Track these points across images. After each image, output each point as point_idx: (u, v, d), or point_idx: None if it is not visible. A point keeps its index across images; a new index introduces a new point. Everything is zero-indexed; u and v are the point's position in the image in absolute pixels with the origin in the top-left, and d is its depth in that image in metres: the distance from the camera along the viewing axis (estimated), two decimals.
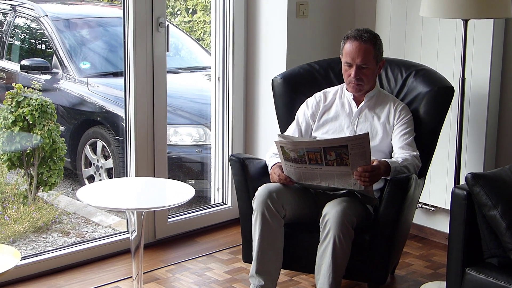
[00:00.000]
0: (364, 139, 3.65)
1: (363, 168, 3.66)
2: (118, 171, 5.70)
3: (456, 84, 4.26)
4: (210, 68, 5.57)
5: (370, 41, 4.02)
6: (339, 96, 4.22)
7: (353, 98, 4.16)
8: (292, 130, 4.25)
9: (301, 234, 4.00)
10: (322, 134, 4.18)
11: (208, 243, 5.06)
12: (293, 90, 4.49)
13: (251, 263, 3.98)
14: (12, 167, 5.58)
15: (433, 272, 4.63)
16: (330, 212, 3.75)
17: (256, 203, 3.89)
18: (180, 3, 8.08)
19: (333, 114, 4.20)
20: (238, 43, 5.20)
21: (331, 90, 4.29)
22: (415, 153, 3.98)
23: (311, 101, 4.27)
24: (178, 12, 8.09)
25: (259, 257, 3.90)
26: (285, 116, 4.47)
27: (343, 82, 4.19)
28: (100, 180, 5.89)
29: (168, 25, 4.75)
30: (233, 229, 5.23)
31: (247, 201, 4.08)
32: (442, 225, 4.99)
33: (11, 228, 5.22)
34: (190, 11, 8.04)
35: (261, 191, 3.90)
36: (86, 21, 7.13)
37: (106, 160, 5.88)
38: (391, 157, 4.00)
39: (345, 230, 3.72)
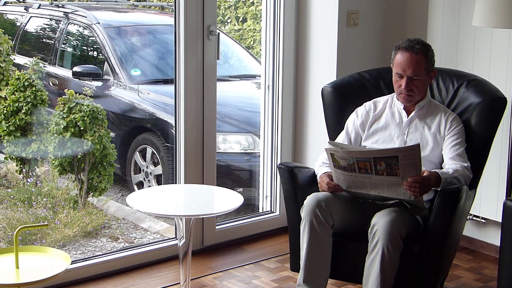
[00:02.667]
0: (414, 150, 3.63)
1: (414, 179, 3.63)
2: (167, 177, 5.73)
3: (509, 95, 4.21)
4: (259, 76, 5.58)
5: (422, 52, 3.99)
6: (389, 106, 4.20)
7: (403, 108, 4.13)
8: (341, 139, 4.24)
9: (349, 244, 3.98)
10: (371, 143, 4.16)
11: (255, 251, 5.06)
12: (343, 99, 4.48)
13: (298, 272, 3.96)
14: (63, 172, 5.64)
15: (483, 285, 4.58)
16: (379, 222, 3.73)
17: (304, 212, 3.88)
18: (231, 11, 8.12)
19: (383, 123, 4.18)
20: (288, 51, 5.20)
21: (381, 100, 4.26)
22: (466, 164, 3.93)
23: (360, 110, 4.25)
24: (228, 21, 8.12)
25: (306, 266, 3.89)
26: (335, 125, 4.46)
27: (394, 92, 4.16)
28: (149, 186, 5.92)
29: (219, 33, 4.77)
30: (280, 237, 5.23)
31: (295, 210, 4.07)
32: (493, 237, 4.93)
33: (61, 232, 5.27)
34: (240, 19, 8.06)
35: (310, 200, 3.89)
36: (137, 29, 7.19)
37: (155, 166, 5.91)
38: (442, 168, 3.96)
39: (394, 240, 3.69)
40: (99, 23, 6.69)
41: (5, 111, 5.85)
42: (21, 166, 5.92)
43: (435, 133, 4.06)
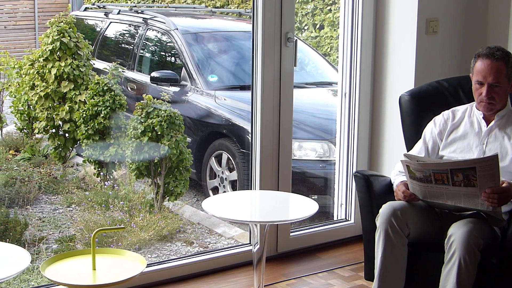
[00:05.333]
0: (493, 161, 3.57)
1: (492, 190, 3.57)
2: (242, 183, 5.75)
3: None
4: (336, 83, 5.56)
5: (503, 59, 3.92)
6: (468, 115, 4.13)
7: (483, 117, 4.06)
8: (418, 148, 4.19)
9: (424, 254, 3.93)
10: (449, 153, 4.10)
11: (329, 259, 5.04)
12: (420, 107, 4.43)
13: (373, 281, 3.93)
14: (140, 176, 5.71)
15: None
16: (456, 233, 3.67)
17: (380, 220, 3.85)
18: (308, 18, 8.12)
19: (461, 132, 4.11)
20: (366, 59, 5.17)
21: (460, 109, 4.20)
22: None
23: (438, 119, 4.20)
24: (306, 28, 8.12)
25: (381, 275, 3.85)
26: (412, 134, 4.41)
27: (473, 101, 4.10)
28: (224, 192, 5.95)
29: (296, 40, 4.76)
30: (355, 246, 5.19)
31: (370, 218, 4.04)
32: None
33: (137, 235, 5.33)
34: (318, 26, 8.06)
35: (385, 208, 3.86)
36: (214, 35, 7.24)
37: (230, 172, 5.94)
38: None
39: (471, 252, 3.63)
40: (177, 29, 6.76)
41: (84, 115, 5.95)
42: (99, 169, 6.02)
43: None
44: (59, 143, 6.33)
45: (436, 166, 3.67)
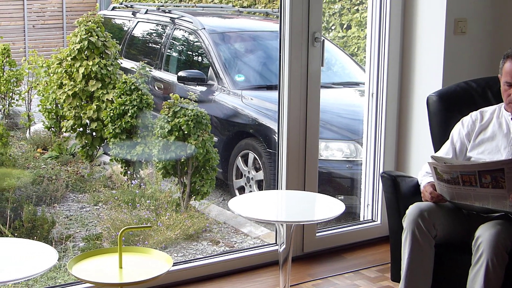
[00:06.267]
0: None
1: None
2: (268, 183, 5.75)
3: None
4: (363, 83, 5.54)
5: None
6: (496, 116, 4.11)
7: (511, 118, 4.03)
8: (446, 149, 4.17)
9: (451, 256, 3.91)
10: (477, 154, 4.07)
11: (355, 259, 5.03)
12: (448, 108, 4.41)
13: (399, 282, 3.91)
14: (167, 175, 5.73)
15: None
16: (484, 235, 3.65)
17: (406, 221, 3.83)
18: (335, 18, 8.10)
19: (489, 134, 4.09)
20: (393, 59, 5.15)
21: (488, 110, 4.17)
22: None
23: (466, 120, 4.17)
24: (333, 27, 8.11)
25: (407, 276, 3.83)
26: (440, 135, 4.39)
27: (501, 102, 4.07)
28: (250, 191, 5.95)
29: (323, 40, 4.76)
30: (381, 246, 5.18)
31: (397, 219, 4.03)
32: None
33: (163, 234, 5.35)
34: (345, 26, 8.04)
35: (412, 209, 3.84)
36: (241, 35, 7.24)
37: (257, 172, 5.94)
38: None
39: (499, 254, 3.60)
40: (204, 28, 6.77)
41: (111, 114, 5.98)
42: (126, 168, 6.05)
43: None
44: (86, 141, 6.37)
45: (463, 168, 3.65)
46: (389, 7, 5.07)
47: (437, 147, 4.35)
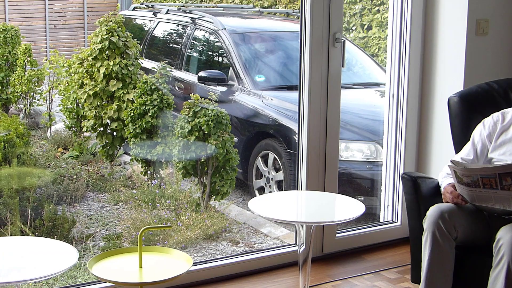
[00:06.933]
0: None
1: None
2: (288, 183, 5.74)
3: None
4: (383, 84, 5.52)
5: None
6: None
7: None
8: (467, 151, 4.15)
9: (472, 257, 3.89)
10: (498, 155, 4.05)
11: (375, 260, 5.01)
12: (470, 109, 4.39)
13: (419, 284, 3.90)
14: (187, 175, 5.74)
15: None
16: (505, 237, 3.63)
17: (427, 223, 3.81)
18: (356, 19, 8.09)
19: (511, 135, 4.06)
20: (414, 59, 5.13)
21: (509, 111, 4.15)
22: None
23: (488, 121, 4.15)
24: (353, 28, 8.09)
25: (428, 278, 3.82)
26: (461, 136, 4.37)
27: None
28: (270, 192, 5.95)
29: (344, 40, 4.75)
30: (401, 248, 5.16)
31: (418, 221, 4.01)
32: None
33: (183, 234, 5.36)
34: (365, 27, 8.02)
35: (433, 211, 3.83)
36: (261, 35, 7.25)
37: (276, 172, 5.94)
38: None
39: None
40: (225, 29, 6.78)
41: (132, 114, 6.00)
42: (146, 168, 6.06)
43: None
44: (107, 141, 6.39)
45: (483, 171, 3.63)
46: (410, 7, 5.05)
47: (458, 148, 4.33)
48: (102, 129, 6.39)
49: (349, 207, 4.09)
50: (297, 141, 4.92)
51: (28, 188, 5.39)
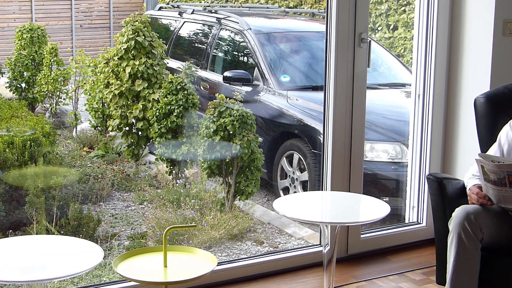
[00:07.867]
0: None
1: None
2: (313, 184, 5.73)
3: None
4: (409, 85, 5.50)
5: None
6: None
7: None
8: (493, 152, 4.12)
9: (498, 259, 3.86)
10: None
11: (400, 261, 4.99)
12: (496, 110, 4.35)
13: (444, 285, 3.88)
14: (211, 175, 5.74)
15: None
16: None
17: (452, 224, 3.79)
18: (382, 19, 8.06)
19: None
20: (440, 60, 5.10)
21: None
22: None
23: None
24: (379, 28, 8.07)
25: (453, 280, 3.80)
26: (487, 137, 4.34)
27: None
28: (295, 192, 5.95)
29: (370, 41, 4.73)
30: (427, 249, 5.14)
31: (443, 222, 3.99)
32: None
33: (208, 234, 5.36)
34: (391, 27, 7.99)
35: (459, 212, 3.81)
36: (287, 35, 7.24)
37: (301, 172, 5.93)
38: None
39: None
40: (250, 29, 6.78)
41: (157, 114, 6.01)
42: (171, 167, 6.08)
43: None
44: (132, 141, 6.41)
45: (510, 168, 3.61)
46: (436, 7, 5.03)
47: (484, 150, 4.31)
48: (127, 128, 6.42)
49: (374, 208, 4.08)
50: (322, 141, 4.91)
51: (54, 187, 5.42)
